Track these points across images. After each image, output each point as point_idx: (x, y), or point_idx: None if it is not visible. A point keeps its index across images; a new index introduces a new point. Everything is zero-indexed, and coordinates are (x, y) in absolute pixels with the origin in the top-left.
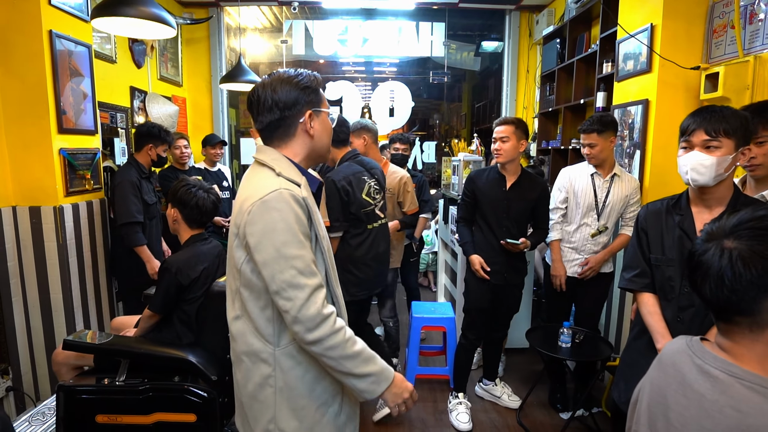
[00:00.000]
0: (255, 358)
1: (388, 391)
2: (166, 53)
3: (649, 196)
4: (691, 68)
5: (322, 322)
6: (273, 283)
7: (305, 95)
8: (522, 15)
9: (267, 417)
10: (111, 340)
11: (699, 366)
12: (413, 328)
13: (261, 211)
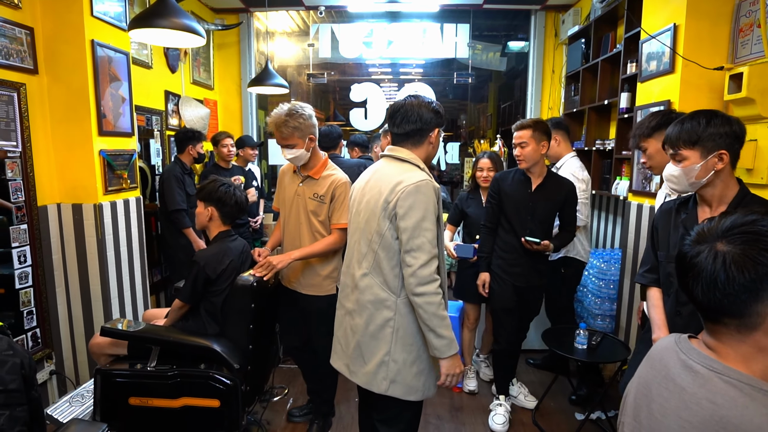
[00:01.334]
0: (380, 305)
1: (450, 359)
2: (199, 58)
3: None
4: (715, 69)
5: (430, 283)
6: (407, 244)
7: (437, 117)
8: (548, 15)
9: (384, 351)
10: (143, 328)
11: (683, 361)
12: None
13: (413, 191)
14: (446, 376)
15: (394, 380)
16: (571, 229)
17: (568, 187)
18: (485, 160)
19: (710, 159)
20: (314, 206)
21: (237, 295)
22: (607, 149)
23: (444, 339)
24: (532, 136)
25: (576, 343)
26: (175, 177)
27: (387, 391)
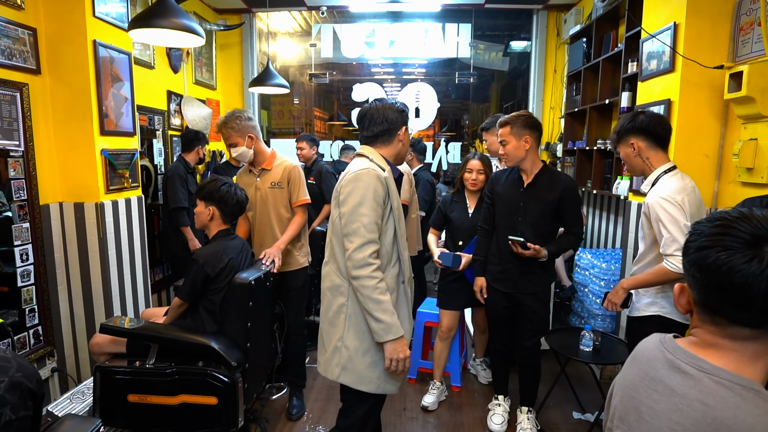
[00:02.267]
0: (336, 292)
1: (392, 343)
2: (201, 58)
3: None
4: (715, 67)
5: (364, 266)
6: (344, 228)
7: (402, 117)
8: (549, 14)
9: (337, 336)
10: (142, 325)
11: (670, 361)
12: (417, 322)
13: (353, 179)
14: (389, 360)
15: (345, 367)
16: (575, 231)
17: (564, 184)
18: (475, 161)
19: None
20: (275, 194)
21: (235, 294)
22: (608, 149)
23: (381, 323)
24: (510, 132)
25: (582, 345)
26: (179, 176)
27: (338, 377)
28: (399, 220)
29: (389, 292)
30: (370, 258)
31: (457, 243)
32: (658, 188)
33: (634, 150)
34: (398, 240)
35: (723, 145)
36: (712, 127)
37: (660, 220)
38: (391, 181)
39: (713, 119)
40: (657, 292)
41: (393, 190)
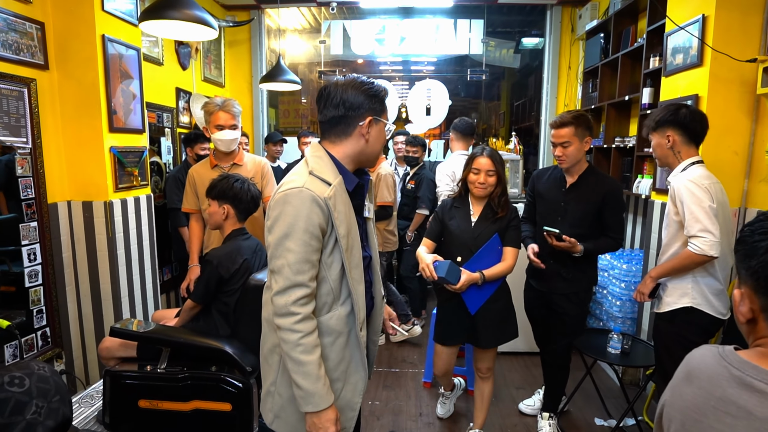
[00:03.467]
0: (270, 326)
1: (311, 415)
2: (210, 55)
3: None
4: (747, 61)
5: (287, 315)
6: (270, 263)
7: (370, 102)
8: (564, 10)
9: (270, 379)
10: (153, 329)
11: (739, 378)
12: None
13: (281, 201)
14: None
15: (278, 415)
16: (614, 235)
17: (607, 186)
18: (484, 158)
19: None
20: None
21: (249, 296)
22: (628, 146)
23: (300, 389)
24: (575, 134)
25: (609, 347)
26: (174, 177)
27: (272, 424)
28: (351, 249)
29: (335, 335)
30: (294, 306)
31: (455, 258)
32: (685, 173)
33: (669, 142)
34: (348, 274)
35: (753, 143)
36: (742, 123)
37: (684, 201)
38: (341, 199)
39: (743, 115)
40: (689, 283)
41: (342, 211)
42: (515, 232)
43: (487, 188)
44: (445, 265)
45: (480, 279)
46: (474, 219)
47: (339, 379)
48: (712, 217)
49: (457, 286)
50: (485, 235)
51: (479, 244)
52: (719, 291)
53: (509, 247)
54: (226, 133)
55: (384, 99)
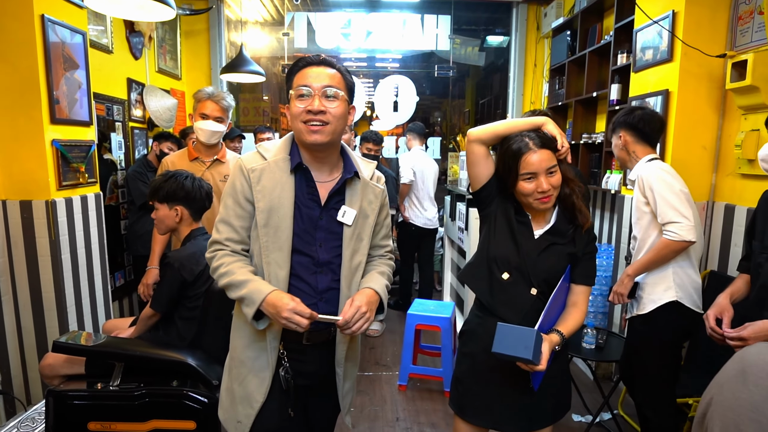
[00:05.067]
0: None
1: (265, 310)
2: (165, 45)
3: None
4: (717, 56)
5: (210, 261)
6: None
7: (287, 81)
8: (530, 8)
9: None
10: (104, 341)
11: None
12: (408, 324)
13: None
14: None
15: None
16: None
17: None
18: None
19: None
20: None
21: (215, 301)
22: (596, 142)
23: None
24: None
25: (584, 342)
26: (135, 173)
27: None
28: (271, 227)
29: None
30: (210, 255)
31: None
32: (648, 164)
33: (621, 142)
34: (262, 253)
35: (721, 137)
36: (710, 118)
37: (654, 188)
38: (271, 176)
39: (711, 110)
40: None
41: (267, 187)
42: (592, 262)
43: (553, 194)
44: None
45: (561, 342)
46: (538, 233)
47: (245, 363)
48: (685, 201)
49: (540, 366)
50: (553, 261)
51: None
52: (698, 285)
53: (581, 286)
54: (210, 124)
55: (289, 74)
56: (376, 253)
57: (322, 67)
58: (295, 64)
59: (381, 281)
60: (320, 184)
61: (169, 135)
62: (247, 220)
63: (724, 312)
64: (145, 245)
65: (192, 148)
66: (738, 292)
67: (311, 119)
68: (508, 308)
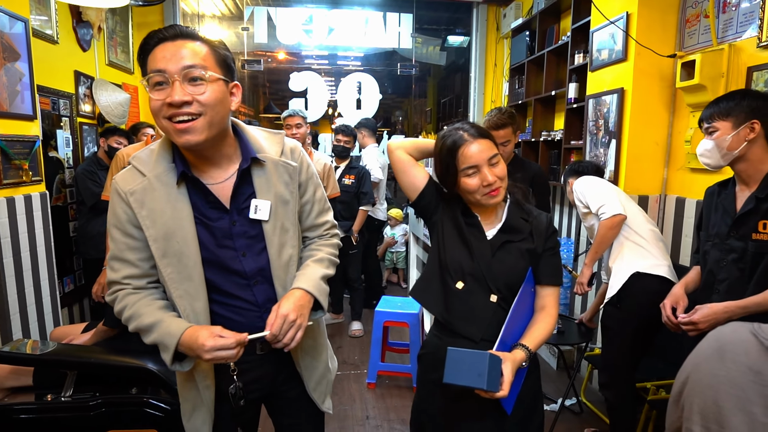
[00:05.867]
0: None
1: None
2: (116, 37)
3: (625, 185)
4: (668, 56)
5: (111, 304)
6: None
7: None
8: (489, 8)
9: None
10: (53, 349)
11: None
12: (375, 322)
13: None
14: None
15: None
16: None
17: (535, 170)
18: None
19: (742, 129)
20: None
21: None
22: (555, 139)
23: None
24: (513, 131)
25: None
26: (85, 171)
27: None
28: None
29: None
30: (111, 300)
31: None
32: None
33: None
34: (168, 288)
35: (672, 134)
36: (662, 115)
37: (585, 193)
38: (156, 195)
39: (663, 108)
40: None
41: (155, 209)
42: (555, 258)
43: (500, 187)
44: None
45: (527, 359)
46: (491, 232)
47: (187, 399)
48: (608, 188)
49: (501, 393)
50: (511, 262)
51: (504, 273)
52: (659, 264)
53: (548, 287)
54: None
55: (141, 53)
56: (314, 234)
57: (180, 40)
58: (145, 41)
59: (314, 274)
60: (218, 186)
61: (116, 129)
62: (144, 251)
63: (679, 301)
64: (97, 248)
65: (150, 141)
66: (692, 283)
67: (175, 114)
68: (467, 322)
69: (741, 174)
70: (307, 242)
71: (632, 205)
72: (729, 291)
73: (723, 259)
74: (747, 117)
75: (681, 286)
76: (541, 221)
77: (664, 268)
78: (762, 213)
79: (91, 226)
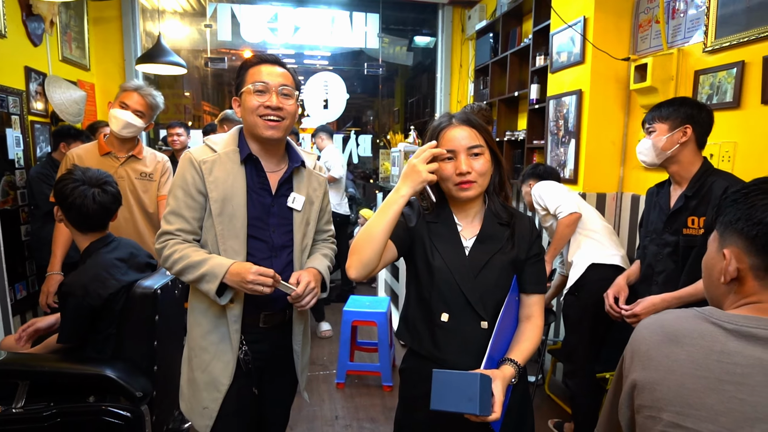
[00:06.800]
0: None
1: (229, 281)
2: (70, 32)
3: (584, 183)
4: (622, 59)
5: (159, 252)
6: None
7: (237, 78)
8: (455, 10)
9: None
10: (3, 358)
11: (737, 331)
12: (344, 321)
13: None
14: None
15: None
16: None
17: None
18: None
19: (676, 132)
20: (144, 186)
21: (136, 308)
22: (518, 139)
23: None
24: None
25: None
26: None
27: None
28: (226, 216)
29: (208, 302)
30: (160, 245)
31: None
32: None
33: (529, 189)
34: (219, 241)
35: (627, 134)
36: (618, 116)
37: (543, 196)
38: (223, 167)
39: (618, 109)
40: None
41: (219, 177)
42: (540, 264)
43: (477, 182)
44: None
45: (516, 375)
46: (467, 242)
47: (208, 349)
48: (561, 191)
49: (494, 416)
50: (496, 275)
51: (488, 291)
52: (614, 254)
53: (534, 296)
54: (127, 115)
55: (242, 69)
56: (320, 238)
57: (276, 66)
58: (249, 60)
59: (324, 262)
60: (270, 173)
61: (78, 133)
62: (198, 211)
63: (621, 291)
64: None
65: (103, 141)
66: (633, 275)
67: (269, 114)
68: (460, 355)
69: (674, 175)
70: (313, 243)
71: (585, 204)
72: (666, 282)
73: (659, 252)
74: (682, 122)
75: (624, 278)
76: (524, 225)
77: (617, 257)
78: (690, 210)
79: (46, 231)
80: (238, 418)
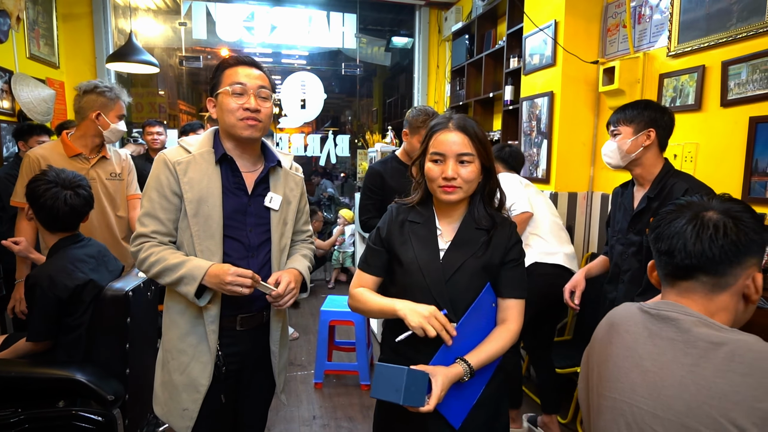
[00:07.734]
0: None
1: (208, 283)
2: (38, 28)
3: (556, 182)
4: (591, 62)
5: (134, 255)
6: None
7: (212, 78)
8: (431, 11)
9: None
10: None
11: (657, 315)
12: (321, 321)
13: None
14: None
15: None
16: None
17: None
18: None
19: (640, 136)
20: (115, 187)
21: (107, 310)
22: (493, 140)
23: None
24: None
25: None
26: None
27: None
28: (201, 217)
29: (186, 304)
30: (135, 249)
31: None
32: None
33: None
34: (195, 242)
35: (596, 134)
36: (588, 117)
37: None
38: (198, 167)
39: (588, 110)
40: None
41: (194, 178)
42: (518, 269)
43: (460, 188)
44: (397, 374)
45: (465, 374)
46: (444, 244)
47: (186, 351)
48: (518, 187)
49: (426, 408)
50: (467, 279)
51: (459, 295)
52: (555, 253)
53: (510, 300)
54: (124, 125)
55: (218, 69)
56: (298, 238)
57: (253, 68)
58: (225, 61)
59: (304, 263)
60: (246, 173)
61: (31, 129)
62: (173, 213)
63: (577, 286)
64: None
65: (69, 142)
66: (594, 269)
67: (248, 116)
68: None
69: (638, 177)
70: (292, 243)
71: (539, 200)
72: (631, 280)
73: (625, 252)
74: (646, 125)
75: (582, 273)
76: (504, 233)
77: (559, 256)
78: (653, 211)
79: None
80: (218, 419)
